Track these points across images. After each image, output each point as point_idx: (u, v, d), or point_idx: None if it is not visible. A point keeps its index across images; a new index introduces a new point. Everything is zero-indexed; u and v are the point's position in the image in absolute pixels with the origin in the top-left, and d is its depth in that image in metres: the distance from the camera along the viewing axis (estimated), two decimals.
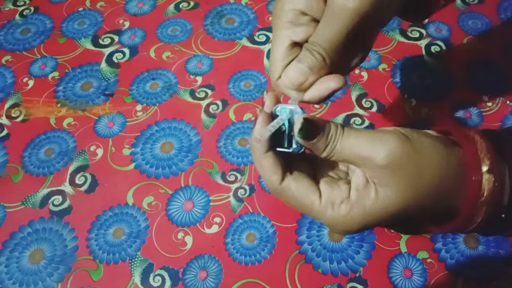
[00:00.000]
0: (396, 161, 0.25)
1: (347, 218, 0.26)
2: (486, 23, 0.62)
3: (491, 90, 0.55)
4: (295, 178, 0.27)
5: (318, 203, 0.26)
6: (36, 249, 0.45)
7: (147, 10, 0.65)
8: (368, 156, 0.25)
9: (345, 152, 0.26)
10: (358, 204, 0.26)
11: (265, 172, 0.27)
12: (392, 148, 0.25)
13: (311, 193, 0.26)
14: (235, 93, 0.55)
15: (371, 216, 0.26)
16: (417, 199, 0.25)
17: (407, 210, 0.26)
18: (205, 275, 0.43)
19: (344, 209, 0.26)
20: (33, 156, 0.51)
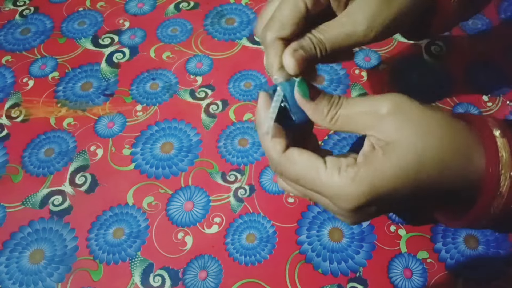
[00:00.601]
0: (401, 109, 0.24)
1: (356, 181, 0.24)
2: (486, 23, 0.62)
3: (491, 90, 0.55)
4: (298, 149, 0.26)
5: (323, 169, 0.25)
6: (36, 249, 0.45)
7: (147, 10, 0.65)
8: (372, 109, 0.24)
9: (349, 113, 0.25)
10: (366, 163, 0.24)
11: (268, 144, 0.26)
12: (396, 100, 0.24)
13: (315, 159, 0.25)
14: (235, 93, 0.56)
15: (382, 174, 0.23)
16: (429, 155, 0.23)
17: (421, 172, 0.23)
18: (205, 275, 0.43)
19: (352, 171, 0.24)
20: (33, 156, 0.51)
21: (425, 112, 0.24)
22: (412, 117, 0.24)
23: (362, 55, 0.59)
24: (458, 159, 0.24)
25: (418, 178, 0.24)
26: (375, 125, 0.25)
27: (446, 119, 0.25)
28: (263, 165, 0.49)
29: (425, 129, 0.24)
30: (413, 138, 0.23)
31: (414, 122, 0.24)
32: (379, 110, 0.24)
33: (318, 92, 0.26)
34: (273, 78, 0.28)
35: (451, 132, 0.24)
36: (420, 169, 0.23)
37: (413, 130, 0.24)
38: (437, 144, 0.23)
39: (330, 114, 0.25)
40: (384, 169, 0.23)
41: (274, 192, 0.47)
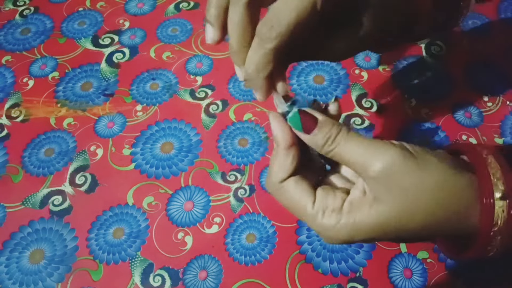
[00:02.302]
0: (390, 176, 0.24)
1: (334, 228, 0.25)
2: (486, 23, 0.62)
3: (491, 90, 0.55)
4: (296, 180, 0.27)
5: (310, 207, 0.26)
6: (36, 249, 0.45)
7: (147, 10, 0.65)
8: (364, 165, 0.24)
9: (344, 155, 0.25)
10: (348, 216, 0.25)
11: (276, 166, 0.27)
12: (389, 161, 0.24)
13: (306, 196, 0.26)
14: (235, 93, 0.56)
15: (360, 229, 0.25)
16: (416, 220, 0.24)
17: (404, 230, 0.24)
18: (205, 275, 0.43)
19: (334, 219, 0.25)
20: (33, 156, 0.51)
21: (418, 175, 0.24)
22: (403, 189, 0.24)
23: (362, 55, 0.59)
24: (447, 223, 0.24)
25: (397, 235, 0.25)
26: (365, 178, 0.25)
27: (445, 187, 0.24)
28: (263, 165, 0.49)
29: (416, 200, 0.24)
30: (400, 205, 0.24)
31: (406, 195, 0.24)
32: (370, 167, 0.24)
33: (314, 123, 0.26)
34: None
35: (447, 205, 0.24)
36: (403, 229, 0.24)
37: (402, 202, 0.24)
38: (425, 215, 0.24)
39: (325, 149, 0.26)
40: (363, 226, 0.25)
41: None
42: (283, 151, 0.27)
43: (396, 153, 0.24)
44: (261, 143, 0.51)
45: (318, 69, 0.57)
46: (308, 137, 0.26)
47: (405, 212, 0.24)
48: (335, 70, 0.57)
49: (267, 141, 0.51)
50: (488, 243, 0.24)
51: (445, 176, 0.24)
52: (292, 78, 0.57)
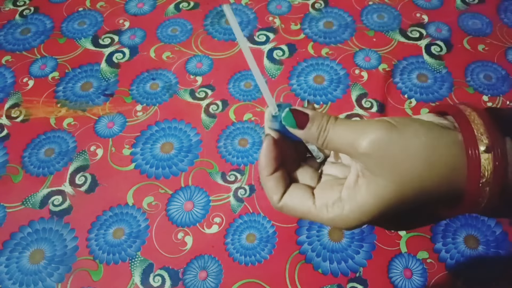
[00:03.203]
0: (379, 148, 0.25)
1: (342, 217, 0.26)
2: (486, 23, 0.62)
3: (491, 90, 0.55)
4: (290, 193, 0.29)
5: (313, 208, 0.27)
6: (36, 249, 0.45)
7: (147, 10, 0.65)
8: (352, 145, 0.26)
9: (336, 140, 0.27)
10: (350, 200, 0.26)
11: (268, 192, 0.29)
12: (374, 136, 0.25)
13: (305, 200, 0.28)
14: (235, 93, 0.55)
15: (365, 209, 0.26)
16: (411, 184, 0.25)
17: (403, 197, 0.25)
18: (205, 275, 0.43)
19: (338, 209, 0.27)
20: (33, 156, 0.51)
21: (404, 142, 0.25)
22: (392, 159, 0.25)
23: (362, 55, 0.59)
24: (439, 181, 0.26)
25: (400, 205, 0.26)
26: (356, 158, 0.26)
27: (430, 148, 0.25)
28: None
29: (406, 166, 0.25)
30: (393, 174, 0.25)
31: (396, 163, 0.25)
32: (358, 147, 0.25)
33: (306, 119, 0.27)
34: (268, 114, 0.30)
35: (435, 165, 0.25)
36: (403, 197, 0.26)
37: (394, 171, 0.25)
38: (419, 178, 0.25)
39: (320, 139, 0.27)
40: (367, 203, 0.26)
41: None
42: (268, 177, 0.28)
43: (379, 127, 0.25)
44: (261, 143, 0.51)
45: (318, 69, 0.57)
46: (303, 131, 0.27)
47: (401, 180, 0.25)
48: (335, 70, 0.57)
49: None
50: (478, 194, 0.25)
51: (428, 137, 0.25)
52: (292, 78, 0.57)
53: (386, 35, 0.61)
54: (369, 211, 0.26)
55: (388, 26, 0.62)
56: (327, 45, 0.60)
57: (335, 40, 0.61)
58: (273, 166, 0.28)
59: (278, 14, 0.64)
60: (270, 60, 0.59)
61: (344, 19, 0.63)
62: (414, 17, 0.63)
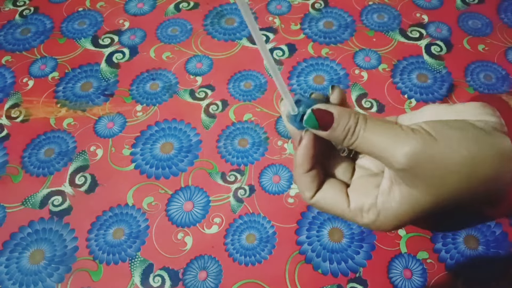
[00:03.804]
0: (415, 164, 0.23)
1: (377, 224, 0.26)
2: (486, 23, 0.62)
3: (491, 90, 0.55)
4: (324, 192, 0.28)
5: (347, 211, 0.27)
6: (36, 249, 0.45)
7: (147, 10, 0.65)
8: (387, 157, 0.24)
9: (366, 148, 0.25)
10: (385, 208, 0.26)
11: (300, 188, 0.28)
12: (410, 149, 0.23)
13: (339, 202, 0.27)
14: (235, 93, 0.55)
15: (400, 216, 0.25)
16: (449, 196, 0.24)
17: (440, 206, 0.25)
18: (205, 276, 0.43)
19: (373, 215, 0.26)
20: (33, 156, 0.51)
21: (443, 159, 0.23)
22: (429, 174, 0.24)
23: (362, 55, 0.59)
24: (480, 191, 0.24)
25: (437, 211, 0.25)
26: (391, 167, 0.25)
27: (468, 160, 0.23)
28: (263, 165, 0.49)
29: (444, 181, 0.24)
30: (429, 188, 0.24)
31: (433, 178, 0.24)
32: (393, 162, 0.24)
33: (330, 119, 0.25)
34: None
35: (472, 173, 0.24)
36: (438, 206, 0.25)
37: (430, 185, 0.24)
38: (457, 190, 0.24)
39: (347, 142, 0.25)
40: (402, 212, 0.25)
41: (274, 192, 0.47)
42: (303, 174, 0.27)
43: (416, 139, 0.23)
44: (261, 143, 0.51)
45: (318, 69, 0.57)
46: (327, 133, 0.25)
47: (438, 193, 0.24)
48: (335, 70, 0.57)
49: (267, 141, 0.51)
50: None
51: (470, 152, 0.23)
52: (292, 78, 0.57)
53: (386, 35, 0.61)
54: (405, 219, 0.25)
55: (388, 26, 0.62)
56: (327, 45, 0.60)
57: (335, 40, 0.61)
58: (310, 165, 0.27)
59: (278, 14, 0.64)
60: None
61: (344, 19, 0.63)
62: (414, 17, 0.63)
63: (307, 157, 0.27)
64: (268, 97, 0.55)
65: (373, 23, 0.62)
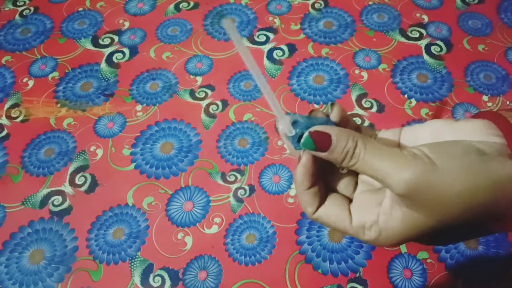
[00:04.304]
0: (415, 191, 0.23)
1: (378, 241, 0.26)
2: (486, 23, 0.62)
3: (491, 90, 0.55)
4: (326, 208, 0.28)
5: (350, 228, 0.27)
6: (36, 249, 0.45)
7: (147, 10, 0.65)
8: (387, 182, 0.24)
9: (365, 171, 0.25)
10: (386, 228, 0.26)
11: (303, 204, 0.28)
12: (410, 176, 0.23)
13: (342, 220, 0.27)
14: (235, 93, 0.55)
15: (401, 236, 0.26)
16: (451, 219, 0.24)
17: (441, 227, 0.25)
18: (205, 276, 0.43)
19: (374, 233, 0.26)
20: (33, 156, 0.51)
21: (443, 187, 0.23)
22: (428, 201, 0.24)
23: (362, 55, 0.59)
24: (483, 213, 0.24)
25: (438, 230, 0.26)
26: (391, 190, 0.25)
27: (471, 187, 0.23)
28: (263, 165, 0.49)
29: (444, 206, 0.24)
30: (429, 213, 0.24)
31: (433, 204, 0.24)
32: (393, 188, 0.24)
33: (328, 140, 0.25)
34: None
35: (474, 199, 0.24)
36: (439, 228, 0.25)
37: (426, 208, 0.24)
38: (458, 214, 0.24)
39: (345, 164, 0.25)
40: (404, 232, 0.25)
41: (274, 192, 0.47)
42: (304, 192, 0.28)
43: (417, 169, 0.23)
44: (261, 143, 0.51)
45: (318, 69, 0.57)
46: (325, 155, 0.25)
47: (439, 217, 0.24)
48: (335, 70, 0.57)
49: (267, 141, 0.51)
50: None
51: (472, 180, 0.23)
52: (292, 78, 0.57)
53: (386, 35, 0.61)
54: (406, 238, 0.26)
55: (388, 26, 0.62)
56: (327, 45, 0.60)
57: (335, 40, 0.61)
58: (310, 182, 0.27)
59: (278, 14, 0.64)
60: (270, 60, 0.59)
61: (344, 19, 0.63)
62: (414, 17, 0.63)
63: (306, 175, 0.27)
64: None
65: (373, 23, 0.62)
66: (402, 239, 0.26)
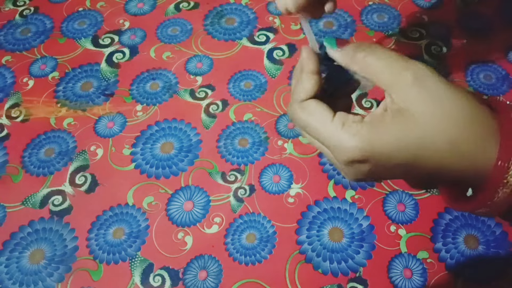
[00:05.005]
0: (425, 83, 0.23)
1: (355, 136, 0.24)
2: (486, 23, 0.62)
3: (491, 90, 0.55)
4: (316, 101, 0.27)
5: (330, 120, 0.25)
6: (36, 249, 0.45)
7: (147, 10, 0.65)
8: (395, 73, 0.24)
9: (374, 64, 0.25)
10: (371, 123, 0.24)
11: (298, 89, 0.27)
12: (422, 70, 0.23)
13: (326, 112, 0.26)
14: (235, 93, 0.56)
15: (381, 137, 0.24)
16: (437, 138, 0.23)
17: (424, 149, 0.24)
18: (205, 275, 0.43)
19: (355, 128, 0.24)
20: (33, 156, 0.51)
21: (449, 91, 0.23)
22: (433, 94, 0.23)
23: None
24: (468, 148, 0.24)
25: (419, 154, 0.24)
26: (394, 87, 0.24)
27: (469, 104, 0.23)
28: (263, 165, 0.49)
29: (443, 110, 0.23)
30: (427, 116, 0.23)
31: (434, 100, 0.23)
32: (403, 76, 0.24)
33: (346, 42, 0.27)
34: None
35: (469, 118, 0.23)
36: (423, 146, 0.24)
37: (430, 109, 0.23)
38: (450, 129, 0.23)
39: (357, 55, 0.26)
40: (386, 133, 0.24)
41: (274, 192, 0.47)
42: (307, 75, 0.27)
43: (426, 67, 0.24)
44: (261, 143, 0.51)
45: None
46: (340, 51, 0.26)
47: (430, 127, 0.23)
48: None
49: (267, 141, 0.51)
50: (496, 188, 0.23)
51: (469, 101, 0.24)
52: (291, 77, 0.57)
53: (386, 35, 0.61)
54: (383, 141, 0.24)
55: (388, 26, 0.62)
56: None
57: None
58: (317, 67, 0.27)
59: (278, 14, 0.64)
60: (270, 60, 0.59)
61: (344, 19, 0.63)
62: (414, 17, 0.63)
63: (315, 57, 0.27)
64: (268, 97, 0.55)
65: (373, 23, 0.62)
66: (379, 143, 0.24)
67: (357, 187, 0.48)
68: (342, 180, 0.48)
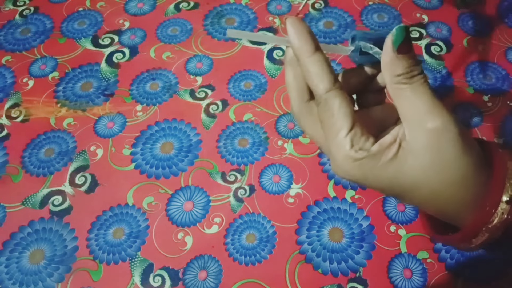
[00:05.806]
0: (442, 137, 0.24)
1: (355, 164, 0.24)
2: (486, 23, 0.62)
3: (491, 90, 0.55)
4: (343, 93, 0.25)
5: (343, 135, 0.24)
6: (36, 249, 0.45)
7: (147, 10, 0.65)
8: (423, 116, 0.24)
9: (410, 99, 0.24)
10: (375, 158, 0.24)
11: (313, 77, 0.25)
12: (449, 123, 0.24)
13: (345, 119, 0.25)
14: (235, 93, 0.56)
15: (377, 176, 0.25)
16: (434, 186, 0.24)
17: (415, 192, 0.25)
18: (205, 275, 0.43)
19: (360, 155, 0.24)
20: (33, 156, 0.51)
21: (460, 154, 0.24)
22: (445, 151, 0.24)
23: None
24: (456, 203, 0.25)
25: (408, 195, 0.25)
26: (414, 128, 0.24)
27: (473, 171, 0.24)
28: (263, 165, 0.49)
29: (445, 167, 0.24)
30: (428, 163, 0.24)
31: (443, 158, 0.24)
32: (430, 120, 0.24)
33: (409, 49, 0.24)
34: None
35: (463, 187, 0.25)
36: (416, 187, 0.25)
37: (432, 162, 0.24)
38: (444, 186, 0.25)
39: (398, 79, 0.24)
40: (385, 171, 0.25)
41: (274, 192, 0.47)
42: (310, 59, 0.25)
43: (457, 122, 0.24)
44: (261, 143, 0.51)
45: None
46: (395, 56, 0.24)
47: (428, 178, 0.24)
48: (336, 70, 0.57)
49: (267, 141, 0.51)
50: (476, 234, 0.25)
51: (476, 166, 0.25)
52: None
53: None
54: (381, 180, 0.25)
55: (388, 26, 0.62)
56: None
57: (335, 40, 0.61)
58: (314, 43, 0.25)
59: (278, 14, 0.64)
60: (270, 60, 0.59)
61: (344, 19, 0.63)
62: (414, 17, 0.63)
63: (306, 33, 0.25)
64: (268, 97, 0.55)
65: (373, 23, 0.62)
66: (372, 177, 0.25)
67: (357, 187, 0.48)
68: (342, 181, 0.48)
